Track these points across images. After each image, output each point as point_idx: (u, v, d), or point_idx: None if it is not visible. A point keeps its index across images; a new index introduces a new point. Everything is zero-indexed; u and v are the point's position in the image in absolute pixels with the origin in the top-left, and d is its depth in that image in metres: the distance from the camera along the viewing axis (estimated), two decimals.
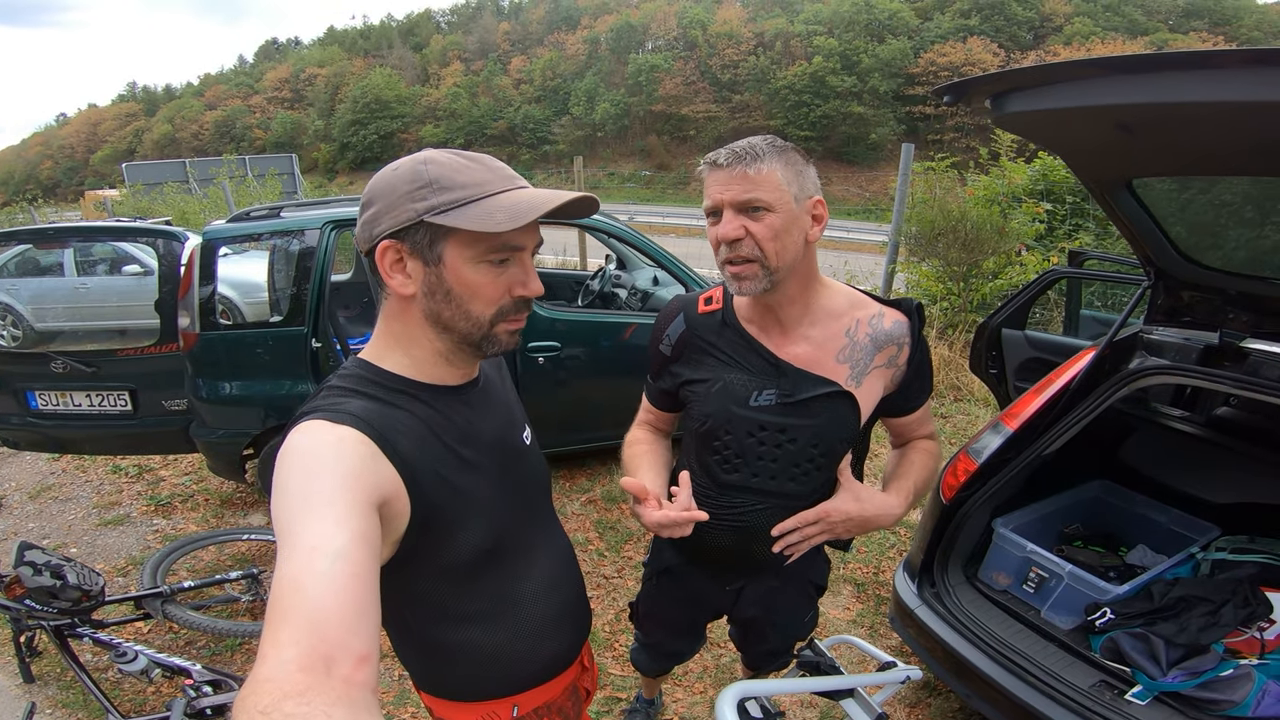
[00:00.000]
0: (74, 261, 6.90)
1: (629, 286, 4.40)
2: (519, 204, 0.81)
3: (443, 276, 0.83)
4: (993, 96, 1.50)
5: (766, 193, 1.06)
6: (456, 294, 0.84)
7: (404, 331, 0.88)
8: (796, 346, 1.21)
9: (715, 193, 1.09)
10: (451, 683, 1.03)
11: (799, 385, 1.20)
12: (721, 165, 1.08)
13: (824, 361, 1.21)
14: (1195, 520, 2.27)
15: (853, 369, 1.22)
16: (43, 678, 2.45)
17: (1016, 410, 2.18)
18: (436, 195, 0.80)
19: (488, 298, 0.85)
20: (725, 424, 1.24)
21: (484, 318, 0.86)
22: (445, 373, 0.92)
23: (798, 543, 1.26)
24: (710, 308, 1.29)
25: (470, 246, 0.82)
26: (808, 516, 1.23)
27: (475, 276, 0.83)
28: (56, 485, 4.09)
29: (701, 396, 1.26)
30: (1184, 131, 1.39)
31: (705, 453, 1.30)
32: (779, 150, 1.09)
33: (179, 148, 61.56)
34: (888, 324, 1.23)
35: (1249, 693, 1.66)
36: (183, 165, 17.25)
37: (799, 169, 1.10)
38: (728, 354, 1.25)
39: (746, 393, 1.22)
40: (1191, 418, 2.45)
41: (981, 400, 4.96)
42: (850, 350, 1.21)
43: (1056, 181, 5.89)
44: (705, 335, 1.27)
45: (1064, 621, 1.99)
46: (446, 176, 0.81)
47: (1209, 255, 1.96)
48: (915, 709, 2.29)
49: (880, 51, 44.84)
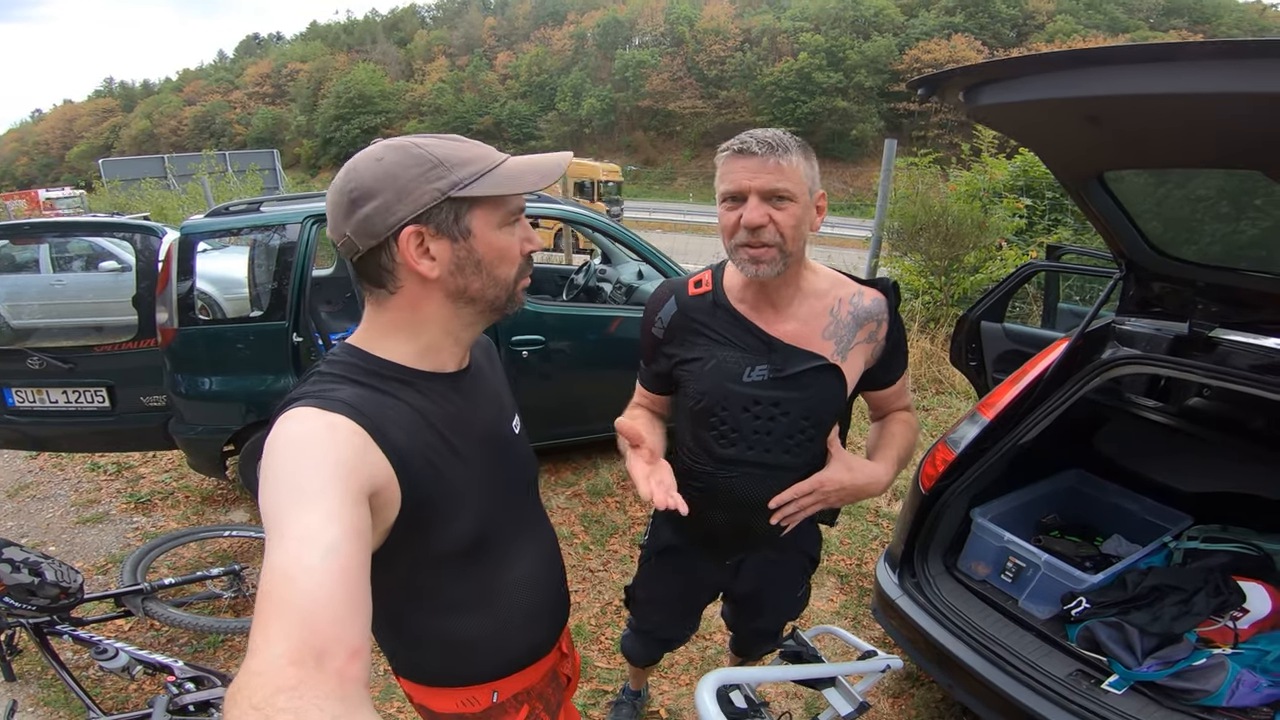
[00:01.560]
0: (50, 258, 6.79)
1: (614, 281, 4.40)
2: (538, 165, 0.87)
3: (473, 248, 0.85)
4: (965, 89, 1.52)
5: (793, 184, 1.12)
6: (487, 262, 0.86)
7: (413, 318, 0.87)
8: (786, 324, 1.27)
9: (743, 179, 1.13)
10: (431, 668, 1.03)
11: (789, 360, 1.26)
12: (755, 154, 1.12)
13: (811, 338, 1.27)
14: (1168, 509, 2.31)
15: (837, 344, 1.28)
16: (23, 676, 2.42)
17: (992, 400, 2.21)
18: (454, 172, 0.81)
19: (513, 258, 0.89)
20: (721, 400, 1.29)
21: (509, 278, 0.90)
22: (442, 359, 0.91)
23: (794, 513, 1.31)
24: (700, 290, 1.34)
25: (494, 213, 0.85)
26: (803, 487, 1.28)
27: (502, 239, 0.87)
28: (34, 484, 4.03)
29: (696, 374, 1.31)
30: (1152, 124, 1.41)
31: (701, 429, 1.34)
32: (799, 144, 1.15)
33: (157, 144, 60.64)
34: (867, 301, 1.30)
35: (1223, 682, 1.68)
36: (161, 161, 16.97)
37: (813, 163, 1.18)
38: (720, 333, 1.30)
39: (739, 369, 1.27)
40: (1164, 408, 2.49)
41: (962, 393, 5.01)
42: (834, 327, 1.28)
43: (1036, 177, 5.96)
44: (697, 316, 1.32)
45: (1041, 611, 2.02)
46: (451, 154, 0.82)
47: (1183, 249, 1.99)
48: (899, 699, 2.31)
49: (866, 48, 45.12)
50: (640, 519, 3.41)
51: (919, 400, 4.98)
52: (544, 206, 3.73)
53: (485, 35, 64.15)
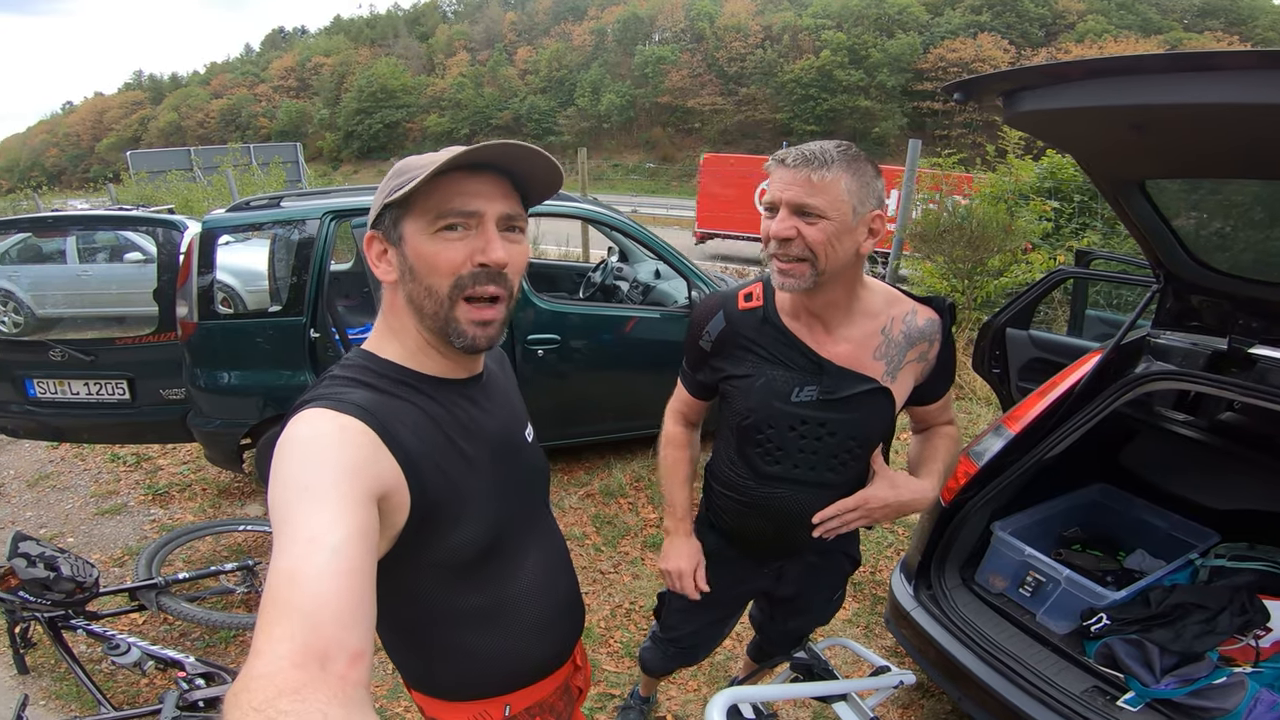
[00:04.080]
0: (76, 249, 6.91)
1: (630, 279, 4.38)
2: (440, 159, 0.80)
3: (405, 254, 0.84)
4: (1004, 94, 1.48)
5: (824, 200, 1.08)
6: (417, 269, 0.83)
7: (396, 322, 0.89)
8: (838, 346, 1.25)
9: (776, 190, 1.12)
10: (443, 682, 1.02)
11: (840, 383, 1.24)
12: (789, 165, 1.10)
13: (862, 359, 1.25)
14: (1195, 526, 2.25)
15: (888, 365, 1.26)
16: (37, 669, 2.45)
17: (1019, 413, 2.16)
18: (395, 180, 0.83)
19: (442, 268, 0.82)
20: (768, 419, 1.28)
21: (442, 291, 0.83)
22: (444, 365, 0.91)
23: (836, 528, 1.31)
24: (750, 305, 1.31)
25: (421, 218, 0.82)
26: (847, 504, 1.28)
27: (428, 246, 0.82)
28: (55, 474, 4.09)
29: (744, 391, 1.30)
30: (1200, 133, 1.37)
31: (747, 445, 1.33)
32: (850, 159, 1.10)
33: (184, 136, 61.55)
34: (921, 321, 1.28)
35: (1241, 701, 1.65)
36: (187, 153, 17.22)
37: (866, 181, 1.11)
38: (769, 351, 1.28)
39: (788, 388, 1.26)
40: (1195, 422, 2.42)
41: (983, 399, 4.92)
42: (886, 347, 1.26)
43: (1065, 179, 5.84)
44: (745, 332, 1.30)
45: (1059, 626, 1.98)
46: (409, 165, 0.84)
47: (1218, 258, 1.93)
48: (908, 710, 2.28)
49: (889, 46, 44.53)
50: (653, 521, 3.38)
51: None
52: (561, 205, 3.71)
53: (505, 30, 64.31)
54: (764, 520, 1.38)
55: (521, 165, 0.85)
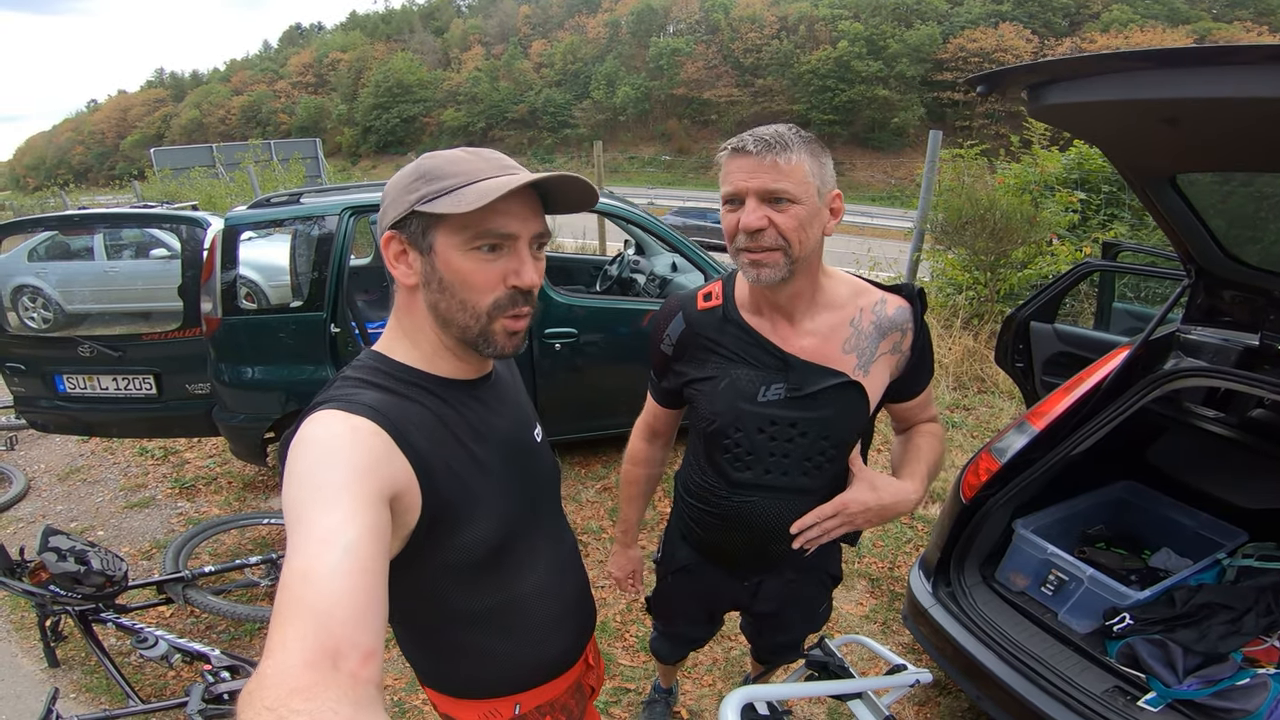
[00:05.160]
0: (103, 245, 7.03)
1: (647, 272, 4.37)
2: (492, 187, 0.79)
3: (435, 265, 0.83)
4: (1030, 87, 1.44)
5: (794, 184, 1.03)
6: (449, 282, 0.83)
7: (411, 323, 0.89)
8: (803, 340, 1.19)
9: (739, 180, 1.06)
10: (454, 680, 1.03)
11: (807, 378, 1.18)
12: (750, 152, 1.04)
13: (830, 353, 1.19)
14: (1223, 525, 2.21)
15: (859, 358, 1.20)
16: (67, 662, 2.50)
17: (1044, 409, 2.12)
18: (426, 185, 0.81)
19: (480, 286, 0.83)
20: (734, 421, 1.22)
21: (480, 308, 0.84)
22: (455, 366, 0.91)
23: (816, 538, 1.24)
24: (710, 304, 1.26)
25: (457, 233, 0.81)
26: (825, 510, 1.21)
27: (464, 264, 0.82)
28: (85, 467, 4.19)
29: (708, 395, 1.24)
30: (1235, 127, 1.32)
31: (716, 451, 1.28)
32: (806, 141, 1.05)
33: (206, 133, 62.41)
34: (891, 311, 1.21)
35: (1263, 702, 1.62)
36: (209, 150, 17.43)
37: (822, 161, 1.07)
38: (732, 350, 1.23)
39: (754, 388, 1.20)
40: (1224, 419, 2.36)
41: (1006, 393, 4.86)
42: (855, 339, 1.20)
43: (1092, 170, 5.71)
44: (706, 332, 1.25)
45: (1081, 625, 1.95)
46: (439, 168, 0.82)
47: (1251, 252, 1.88)
48: (924, 707, 2.26)
49: (908, 36, 43.88)
50: (668, 516, 3.38)
51: (960, 399, 4.85)
52: None
53: (520, 24, 64.30)
54: (738, 533, 1.31)
55: (563, 187, 0.86)
